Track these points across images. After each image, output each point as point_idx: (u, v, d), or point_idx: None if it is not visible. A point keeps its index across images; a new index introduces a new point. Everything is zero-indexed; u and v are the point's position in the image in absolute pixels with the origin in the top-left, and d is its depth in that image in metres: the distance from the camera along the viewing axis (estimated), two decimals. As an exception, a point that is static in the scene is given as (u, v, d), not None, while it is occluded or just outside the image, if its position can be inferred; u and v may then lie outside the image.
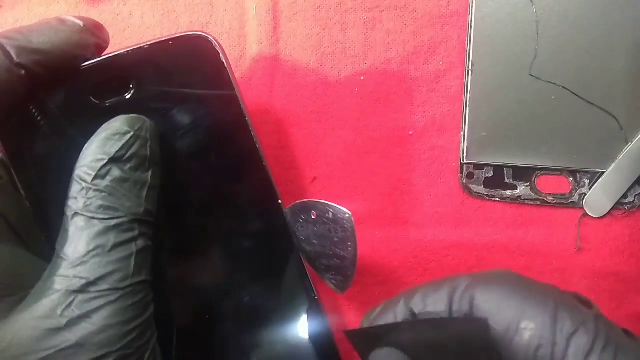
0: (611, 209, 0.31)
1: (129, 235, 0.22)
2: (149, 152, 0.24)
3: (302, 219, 0.26)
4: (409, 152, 0.32)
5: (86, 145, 0.23)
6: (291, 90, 0.33)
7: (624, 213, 0.31)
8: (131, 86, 0.26)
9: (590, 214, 0.31)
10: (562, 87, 0.31)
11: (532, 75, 0.31)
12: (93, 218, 0.21)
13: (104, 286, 0.21)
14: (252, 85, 0.33)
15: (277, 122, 0.33)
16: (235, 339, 0.27)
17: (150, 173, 0.24)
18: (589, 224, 0.32)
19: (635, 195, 0.31)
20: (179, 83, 0.26)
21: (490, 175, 0.32)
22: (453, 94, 0.32)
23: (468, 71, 0.31)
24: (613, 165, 0.31)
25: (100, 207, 0.22)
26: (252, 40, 0.33)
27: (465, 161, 0.32)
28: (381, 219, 0.32)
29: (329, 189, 0.33)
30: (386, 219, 0.32)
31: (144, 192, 0.23)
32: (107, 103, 0.26)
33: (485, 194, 0.32)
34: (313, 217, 0.25)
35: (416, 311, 0.22)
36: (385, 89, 0.32)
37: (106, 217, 0.22)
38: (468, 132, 0.31)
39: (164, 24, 0.33)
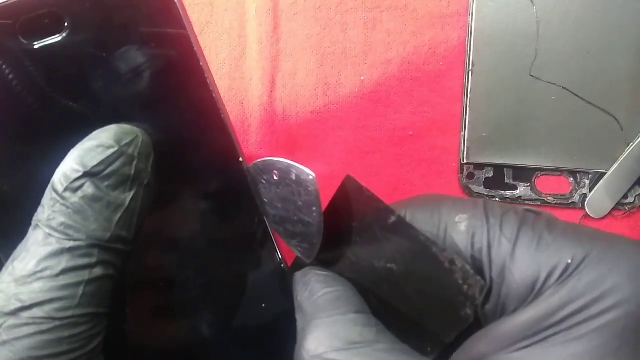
0: (612, 209, 0.31)
1: (84, 261, 0.20)
2: (132, 172, 0.21)
3: (264, 179, 0.24)
4: (409, 152, 0.32)
5: (71, 151, 0.21)
6: (291, 90, 0.33)
7: (625, 214, 0.31)
8: (66, 24, 0.22)
9: (590, 215, 0.31)
10: (563, 87, 0.31)
11: (532, 76, 0.31)
12: (51, 235, 0.20)
13: (38, 313, 0.19)
14: (252, 85, 0.33)
15: (277, 122, 0.33)
16: (196, 306, 0.25)
17: (130, 195, 0.21)
18: (590, 225, 0.32)
19: (636, 196, 0.31)
20: (122, 21, 0.23)
21: (490, 176, 0.32)
22: (453, 95, 0.32)
23: (468, 71, 0.31)
24: (614, 166, 0.31)
25: (62, 224, 0.20)
26: (252, 40, 0.33)
27: (465, 161, 0.32)
28: (381, 219, 0.32)
29: (329, 189, 0.33)
30: (386, 220, 0.32)
31: (117, 216, 0.21)
32: (36, 45, 0.22)
33: (486, 194, 0.32)
34: (275, 178, 0.23)
35: None
36: (386, 89, 0.32)
37: (64, 237, 0.20)
38: (468, 132, 0.31)
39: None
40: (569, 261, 0.18)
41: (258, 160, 0.24)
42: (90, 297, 0.20)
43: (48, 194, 0.21)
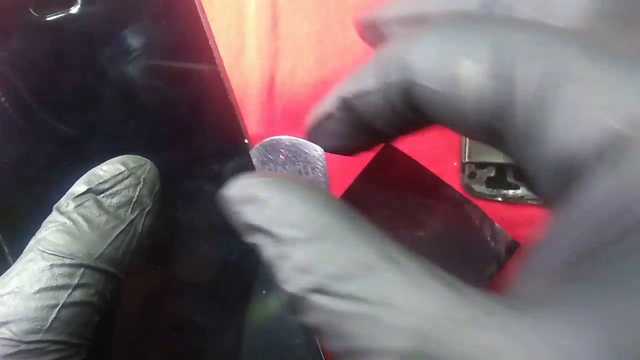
0: (615, 209, 0.31)
1: (65, 281, 0.19)
2: (136, 194, 0.21)
3: (270, 161, 0.23)
4: (410, 151, 0.32)
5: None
6: (291, 88, 0.32)
7: (628, 213, 0.31)
8: None
9: (593, 215, 0.31)
10: (565, 85, 0.30)
11: (534, 74, 0.31)
12: (43, 252, 0.19)
13: (5, 333, 0.18)
14: (251, 83, 0.32)
15: (276, 121, 0.32)
16: (197, 287, 0.25)
17: (131, 217, 0.21)
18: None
19: (639, 195, 0.31)
20: None
21: (492, 175, 0.32)
22: (454, 93, 0.32)
23: (470, 69, 0.31)
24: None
25: (53, 241, 0.20)
26: (251, 38, 0.32)
27: (467, 160, 0.31)
28: (381, 219, 0.32)
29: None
30: (386, 219, 0.32)
31: (114, 234, 0.20)
32: (49, 18, 0.22)
33: (487, 193, 0.31)
34: (282, 157, 0.23)
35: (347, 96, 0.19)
36: (386, 87, 0.32)
37: (51, 254, 0.19)
38: (470, 131, 0.31)
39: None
40: None
41: (264, 140, 0.23)
42: (64, 324, 0.19)
43: (50, 215, 0.20)
